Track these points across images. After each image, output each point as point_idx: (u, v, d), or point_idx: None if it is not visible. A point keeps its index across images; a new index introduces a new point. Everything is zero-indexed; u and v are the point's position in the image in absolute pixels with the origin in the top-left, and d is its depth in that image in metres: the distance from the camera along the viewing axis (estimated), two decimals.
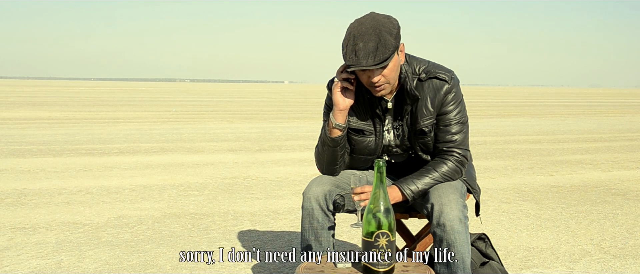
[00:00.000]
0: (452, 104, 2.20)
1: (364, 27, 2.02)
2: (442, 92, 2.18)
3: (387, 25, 2.03)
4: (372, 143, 2.26)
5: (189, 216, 4.23)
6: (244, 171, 6.33)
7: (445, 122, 2.20)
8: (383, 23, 2.03)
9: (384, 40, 1.99)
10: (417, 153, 2.26)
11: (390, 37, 2.00)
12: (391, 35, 2.01)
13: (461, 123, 2.21)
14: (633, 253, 3.47)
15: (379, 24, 2.02)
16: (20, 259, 3.20)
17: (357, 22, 2.05)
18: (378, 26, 2.01)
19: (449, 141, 2.19)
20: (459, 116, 2.21)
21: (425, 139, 2.22)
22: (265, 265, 3.16)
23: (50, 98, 28.01)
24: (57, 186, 5.35)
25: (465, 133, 2.22)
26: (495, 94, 55.34)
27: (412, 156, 2.29)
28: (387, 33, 2.01)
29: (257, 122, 14.49)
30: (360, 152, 2.28)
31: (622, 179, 6.17)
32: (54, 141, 9.18)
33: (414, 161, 2.29)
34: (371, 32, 2.00)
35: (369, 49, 1.98)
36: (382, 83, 2.06)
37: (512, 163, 7.31)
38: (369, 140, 2.26)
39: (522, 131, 12.41)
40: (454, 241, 1.98)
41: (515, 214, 4.45)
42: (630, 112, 22.52)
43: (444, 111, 2.19)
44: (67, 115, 15.82)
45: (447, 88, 2.18)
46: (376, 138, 2.25)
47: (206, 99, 31.12)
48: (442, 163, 2.18)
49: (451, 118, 2.19)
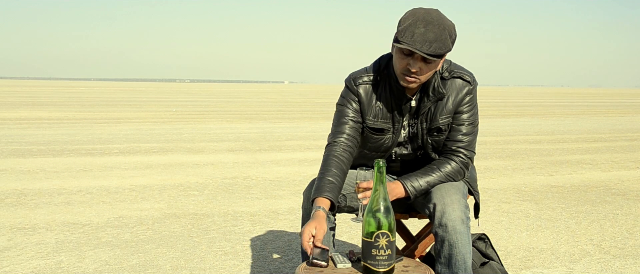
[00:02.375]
0: (467, 105, 2.21)
1: (430, 17, 2.02)
2: (464, 92, 2.19)
3: (451, 29, 2.05)
4: (389, 141, 2.26)
5: (189, 216, 4.23)
6: (244, 171, 6.33)
7: (458, 121, 2.20)
8: (448, 25, 2.04)
9: (443, 38, 2.00)
10: (426, 151, 2.26)
11: (449, 40, 2.02)
12: (450, 39, 2.03)
13: (472, 125, 2.23)
14: (633, 253, 3.47)
15: (445, 23, 2.04)
16: (20, 259, 3.20)
17: (424, 10, 2.05)
18: (444, 24, 2.03)
19: (458, 141, 2.20)
20: (472, 118, 2.22)
21: (440, 137, 2.22)
22: (265, 265, 3.16)
23: (50, 98, 28.02)
24: (57, 186, 5.35)
25: (474, 136, 2.24)
26: (495, 94, 55.35)
27: (418, 156, 2.29)
28: (448, 34, 2.03)
29: (257, 122, 14.49)
30: (375, 149, 2.28)
31: (622, 179, 6.17)
32: (54, 141, 9.18)
33: (420, 161, 2.29)
34: (436, 25, 2.01)
35: (428, 37, 1.98)
36: (418, 75, 2.06)
37: (512, 163, 7.31)
38: (387, 138, 2.25)
39: (522, 131, 12.41)
40: (455, 242, 1.98)
41: (515, 214, 4.45)
42: (630, 112, 22.53)
43: (459, 111, 2.20)
44: (67, 115, 15.83)
45: (468, 89, 2.20)
46: (393, 136, 2.25)
47: (206, 99, 31.12)
48: (446, 163, 2.18)
49: (464, 119, 2.20)
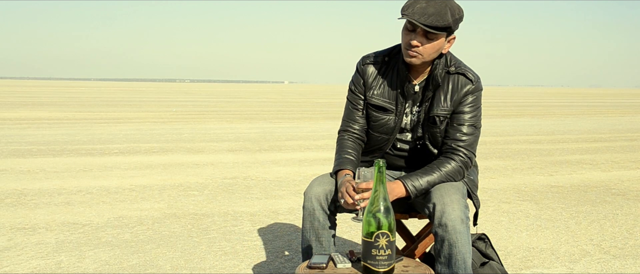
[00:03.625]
0: (470, 105, 2.21)
1: None
2: (464, 90, 2.20)
3: (454, 6, 2.09)
4: (392, 122, 2.27)
5: (189, 216, 4.23)
6: (244, 171, 6.33)
7: (459, 120, 2.21)
8: (453, 5, 2.09)
9: (443, 13, 2.04)
10: (424, 142, 2.27)
11: (450, 17, 2.05)
12: (452, 16, 2.06)
13: (474, 126, 2.23)
14: (633, 253, 3.47)
15: (449, 2, 2.08)
16: (20, 259, 3.20)
17: None
18: (447, 2, 2.07)
19: (459, 139, 2.20)
20: (474, 119, 2.22)
21: (435, 129, 2.23)
22: (265, 265, 3.16)
23: (50, 98, 28.01)
24: (57, 186, 5.35)
25: (475, 137, 2.23)
26: (495, 94, 55.33)
27: (418, 146, 2.30)
28: (450, 11, 2.06)
29: (257, 122, 14.48)
30: (378, 130, 2.30)
31: (622, 179, 6.17)
32: (54, 141, 9.18)
33: (420, 152, 2.29)
34: (439, 1, 2.06)
35: (426, 10, 2.02)
36: (418, 51, 2.09)
37: (512, 163, 7.31)
38: (389, 118, 2.27)
39: (522, 131, 12.41)
40: (455, 241, 1.98)
41: (515, 214, 4.45)
42: (630, 112, 22.53)
43: (460, 110, 2.21)
44: (67, 115, 15.83)
45: (469, 88, 2.21)
46: (396, 117, 2.26)
47: (206, 99, 31.11)
48: (446, 162, 2.18)
49: (465, 118, 2.21)
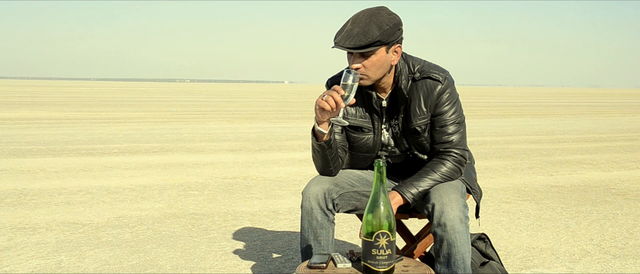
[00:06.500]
0: (447, 104, 2.19)
1: (362, 14, 2.06)
2: (436, 92, 2.18)
3: (382, 19, 2.04)
4: (370, 141, 2.26)
5: (189, 216, 4.23)
6: (244, 171, 6.33)
7: (441, 122, 2.19)
8: (379, 16, 2.05)
9: (368, 29, 2.01)
10: (413, 152, 2.26)
11: (376, 30, 2.02)
12: (379, 29, 2.02)
13: (457, 123, 2.20)
14: (633, 253, 3.47)
15: (375, 15, 2.05)
16: (20, 259, 3.20)
17: (364, 10, 2.09)
18: (373, 17, 2.04)
19: (446, 141, 2.18)
20: (455, 116, 2.20)
21: (419, 139, 2.22)
22: (265, 265, 3.16)
23: (50, 98, 28.01)
24: (57, 186, 5.35)
25: (462, 133, 2.21)
26: (495, 94, 55.32)
27: (409, 156, 2.29)
28: (376, 25, 2.02)
29: (257, 122, 14.49)
30: (359, 149, 2.29)
31: (622, 179, 6.17)
32: (54, 141, 9.18)
33: (412, 162, 2.28)
34: (363, 19, 2.03)
35: (351, 32, 2.02)
36: (362, 72, 2.08)
37: (512, 163, 7.31)
38: (367, 138, 2.26)
39: (522, 131, 12.41)
40: (454, 241, 1.98)
41: (515, 214, 4.45)
42: (630, 112, 22.52)
43: (439, 112, 2.19)
44: (67, 115, 15.82)
45: (440, 88, 2.18)
46: (374, 136, 2.26)
47: (206, 99, 31.11)
48: (440, 163, 2.17)
49: (447, 118, 2.19)
